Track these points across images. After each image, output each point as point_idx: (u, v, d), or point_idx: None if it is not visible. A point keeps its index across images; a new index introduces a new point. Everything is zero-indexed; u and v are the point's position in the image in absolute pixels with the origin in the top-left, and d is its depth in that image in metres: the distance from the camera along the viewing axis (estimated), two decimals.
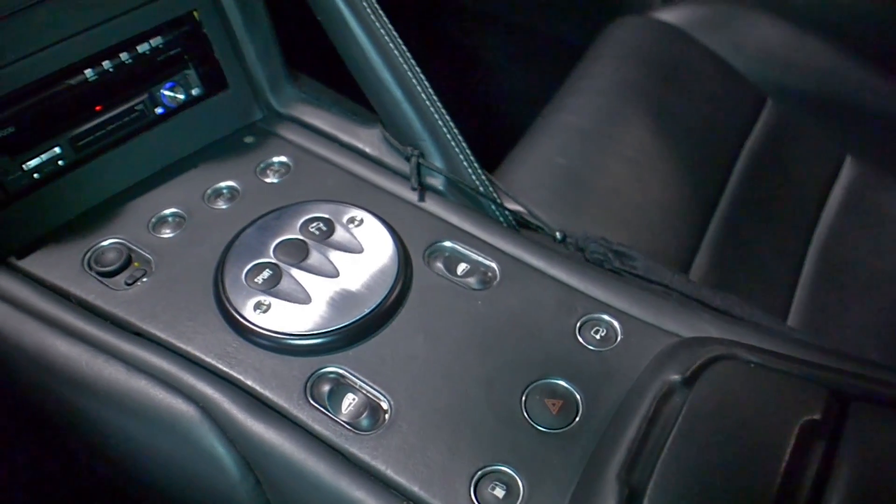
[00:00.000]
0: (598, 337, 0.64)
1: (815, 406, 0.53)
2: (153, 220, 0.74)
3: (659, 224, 1.00)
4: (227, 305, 0.65)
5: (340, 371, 0.62)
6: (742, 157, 1.15)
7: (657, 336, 0.63)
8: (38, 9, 0.69)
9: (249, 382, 0.61)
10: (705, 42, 1.27)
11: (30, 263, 0.71)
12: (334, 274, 0.67)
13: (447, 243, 0.71)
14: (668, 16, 1.31)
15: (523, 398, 0.60)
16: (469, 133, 0.77)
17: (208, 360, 0.63)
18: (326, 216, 0.71)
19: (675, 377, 0.57)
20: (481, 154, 0.77)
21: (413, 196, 0.75)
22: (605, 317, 0.65)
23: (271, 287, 0.66)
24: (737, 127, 1.17)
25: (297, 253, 0.68)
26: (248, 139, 0.82)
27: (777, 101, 1.22)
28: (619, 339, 0.64)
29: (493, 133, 1.22)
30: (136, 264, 0.70)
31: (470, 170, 0.76)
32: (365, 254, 0.68)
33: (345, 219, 0.71)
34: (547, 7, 1.53)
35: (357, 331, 0.63)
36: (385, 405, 0.60)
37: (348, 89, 0.83)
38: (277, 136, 0.82)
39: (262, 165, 0.79)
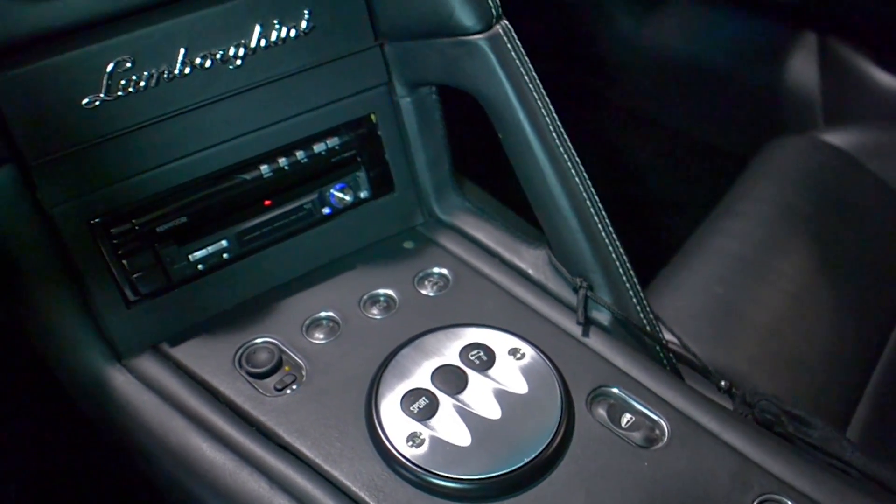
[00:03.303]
0: None
1: None
2: (307, 322, 0.72)
3: (819, 369, 0.93)
4: (380, 432, 0.62)
5: None
6: None
7: None
8: (223, 103, 0.69)
9: None
10: (874, 169, 1.20)
11: (181, 352, 0.71)
12: (493, 412, 0.63)
13: (614, 390, 0.66)
14: (833, 137, 1.25)
15: None
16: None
17: (355, 489, 0.60)
18: (487, 345, 0.68)
19: None
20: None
21: (577, 330, 0.71)
22: (786, 500, 0.59)
23: (427, 418, 0.62)
24: None
25: (456, 382, 0.65)
26: (408, 244, 0.80)
27: None
28: None
29: (639, 237, 1.17)
30: (286, 368, 0.69)
31: (639, 307, 0.72)
32: (526, 392, 0.64)
33: (506, 349, 0.67)
34: (701, 114, 1.48)
35: (515, 481, 0.59)
36: None
37: (512, 197, 0.80)
38: (437, 245, 0.79)
39: (420, 275, 0.76)
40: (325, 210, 0.76)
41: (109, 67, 0.64)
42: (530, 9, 1.50)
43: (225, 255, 0.72)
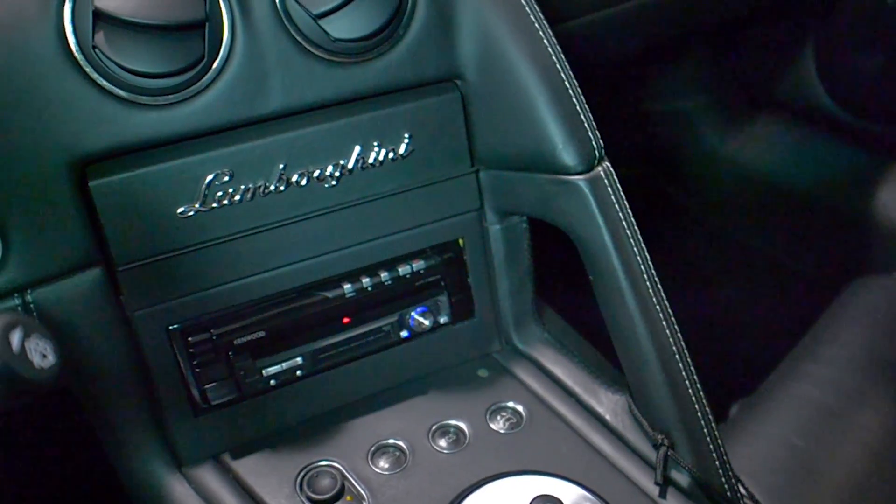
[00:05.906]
0: None
1: None
2: (373, 448, 0.70)
3: None
4: None
5: None
6: None
7: None
8: (314, 220, 0.68)
9: None
10: None
11: (243, 467, 0.69)
12: None
13: None
14: None
15: None
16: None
17: None
18: (559, 498, 0.64)
19: None
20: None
21: (654, 490, 0.67)
22: None
23: None
24: None
25: None
26: (482, 372, 0.77)
27: None
28: None
29: (712, 360, 1.12)
30: (348, 498, 0.66)
31: (721, 470, 0.69)
32: None
33: None
34: (782, 236, 1.45)
35: None
36: None
37: (590, 320, 0.78)
38: (513, 376, 0.77)
39: (493, 408, 0.74)
40: (404, 333, 0.75)
41: (208, 179, 0.63)
42: (615, 115, 1.50)
43: (298, 372, 0.71)
